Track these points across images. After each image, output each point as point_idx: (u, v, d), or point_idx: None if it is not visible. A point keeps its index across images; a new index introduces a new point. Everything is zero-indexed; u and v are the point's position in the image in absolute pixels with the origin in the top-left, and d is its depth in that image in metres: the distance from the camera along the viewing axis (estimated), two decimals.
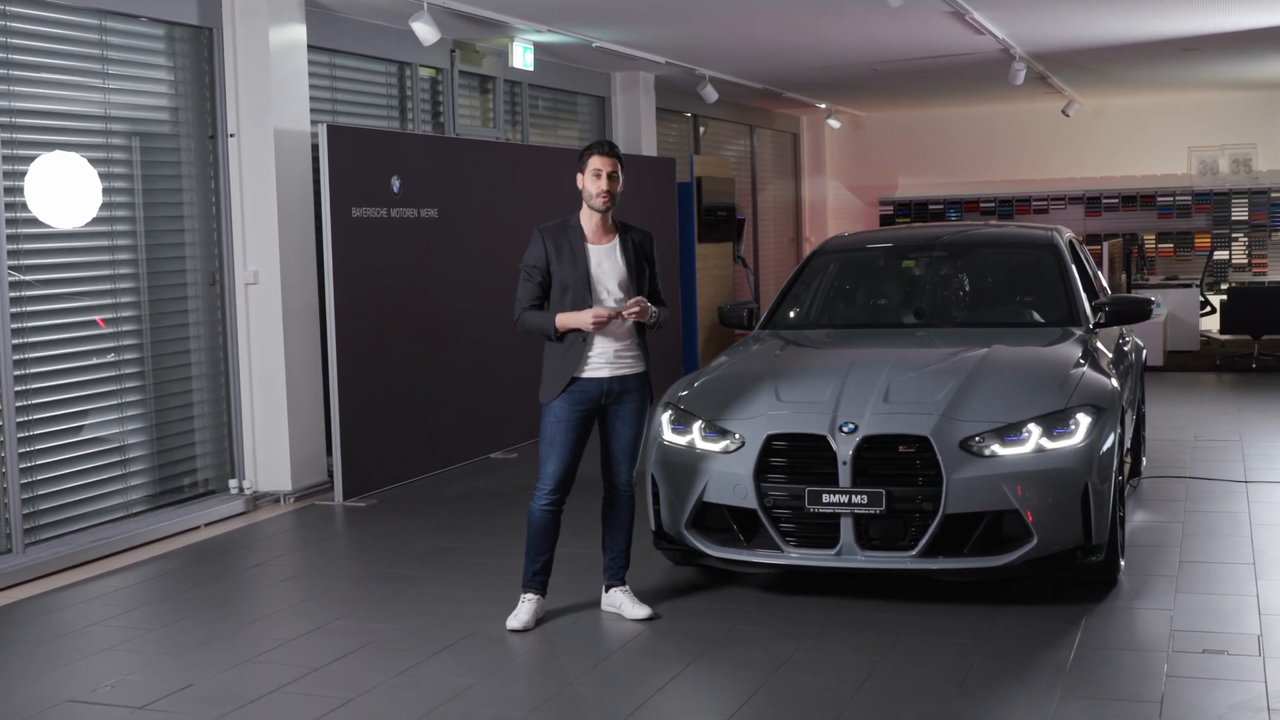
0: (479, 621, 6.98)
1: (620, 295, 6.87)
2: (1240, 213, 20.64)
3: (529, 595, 6.96)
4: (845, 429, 6.90)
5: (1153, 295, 17.41)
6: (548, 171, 12.83)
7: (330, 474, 10.18)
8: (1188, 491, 9.60)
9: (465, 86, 13.22)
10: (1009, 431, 6.87)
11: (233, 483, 9.97)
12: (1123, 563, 7.48)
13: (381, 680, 6.16)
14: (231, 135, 9.92)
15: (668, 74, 15.85)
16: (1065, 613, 6.84)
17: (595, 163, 6.93)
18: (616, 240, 6.99)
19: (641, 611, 6.97)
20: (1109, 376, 7.59)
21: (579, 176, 6.97)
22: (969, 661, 6.22)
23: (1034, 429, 6.88)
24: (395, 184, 10.48)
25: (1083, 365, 7.49)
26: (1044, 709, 5.59)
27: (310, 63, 10.50)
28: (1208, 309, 18.10)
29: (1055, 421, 6.92)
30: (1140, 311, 8.55)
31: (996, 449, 6.83)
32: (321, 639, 6.81)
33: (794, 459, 6.99)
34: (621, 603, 7.05)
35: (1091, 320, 8.39)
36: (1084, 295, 8.59)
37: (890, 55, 15.15)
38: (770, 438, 7.03)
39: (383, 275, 10.38)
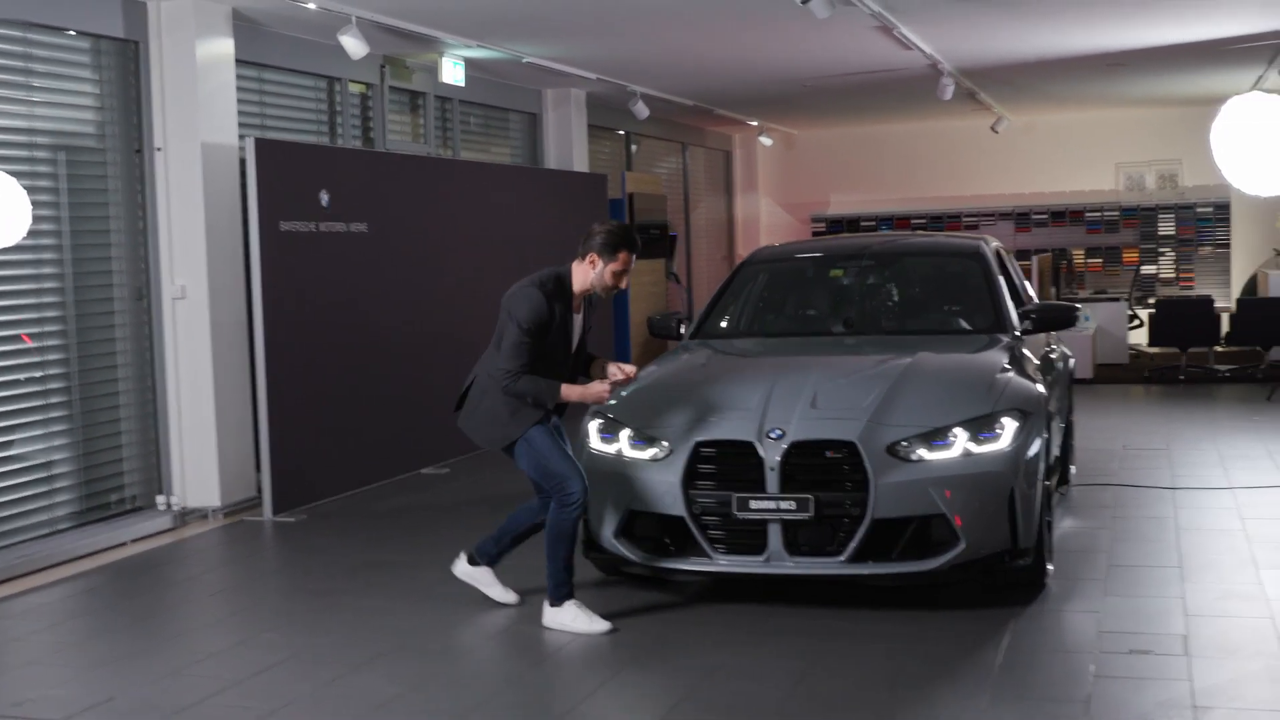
0: (407, 634, 6.93)
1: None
2: (1167, 228, 20.85)
3: (576, 600, 6.92)
4: (773, 435, 6.91)
5: (1082, 310, 17.52)
6: (478, 186, 12.81)
7: (259, 489, 10.09)
8: (1116, 498, 9.67)
9: (396, 102, 13.18)
10: (935, 436, 6.89)
11: (160, 499, 9.86)
12: (1050, 567, 7.52)
13: (306, 692, 6.10)
14: (158, 149, 9.84)
15: (599, 91, 15.85)
16: (994, 616, 6.87)
17: (626, 261, 6.94)
18: (584, 306, 7.11)
19: (510, 597, 7.32)
20: (1035, 382, 7.63)
21: (594, 256, 6.91)
22: (899, 665, 6.23)
23: (960, 433, 6.91)
24: (324, 198, 10.42)
25: (1009, 371, 7.53)
26: (973, 710, 5.61)
27: (239, 77, 10.43)
28: (1136, 323, 18.26)
29: (981, 426, 6.95)
30: (1066, 318, 8.61)
31: (923, 453, 6.85)
32: (247, 652, 6.74)
33: (722, 466, 6.99)
34: (490, 583, 7.34)
35: (1018, 327, 8.43)
36: (1010, 303, 8.64)
37: (820, 71, 15.20)
38: (698, 445, 7.02)
39: (312, 289, 10.31)
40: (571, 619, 6.83)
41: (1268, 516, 8.97)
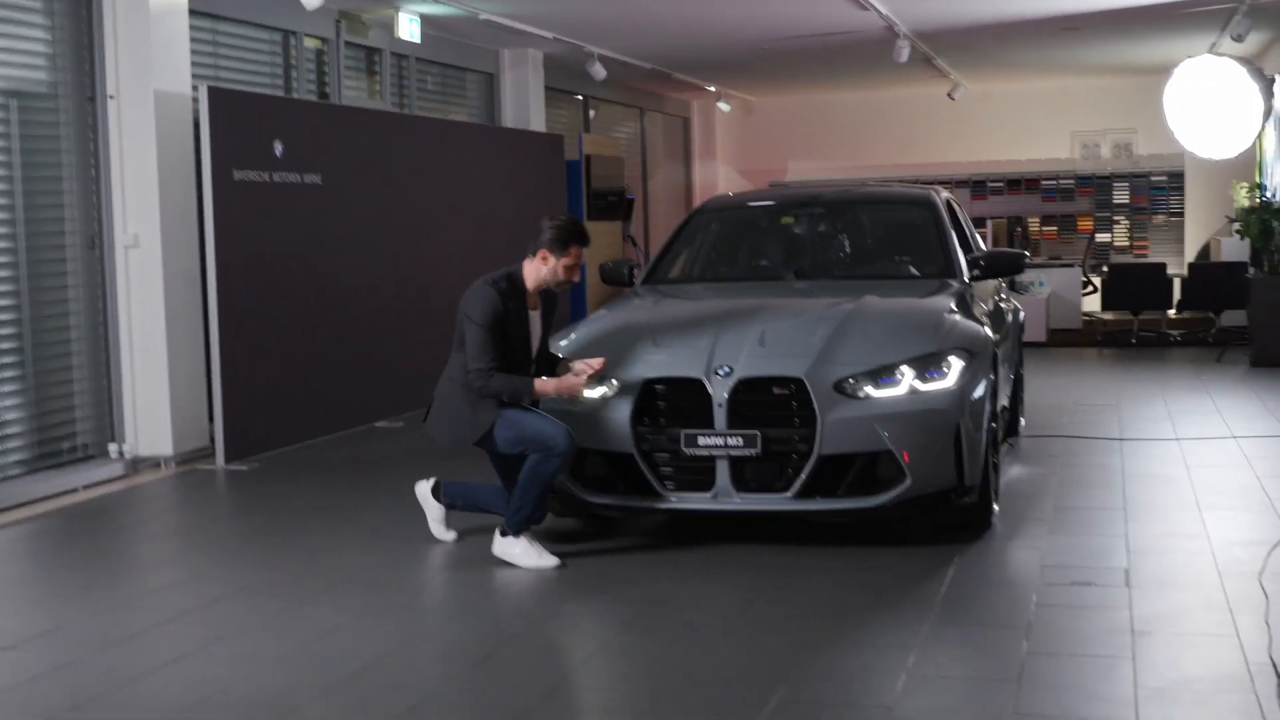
0: (357, 569, 6.95)
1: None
2: (1122, 196, 20.97)
3: (530, 535, 6.95)
4: (721, 372, 6.95)
5: (1037, 275, 17.66)
6: (434, 143, 12.79)
7: (212, 439, 10.07)
8: (1064, 448, 9.77)
9: (351, 58, 13.14)
10: (882, 373, 6.95)
11: (112, 447, 9.84)
12: (996, 508, 7.60)
13: (255, 621, 6.12)
14: (111, 97, 9.80)
15: (556, 52, 15.84)
16: (939, 552, 6.94)
17: (577, 255, 7.03)
18: (540, 303, 7.18)
19: (448, 536, 7.42)
20: (983, 325, 7.70)
21: (545, 252, 6.98)
22: (843, 595, 6.31)
23: (907, 371, 6.97)
24: (278, 148, 10.40)
25: (956, 313, 7.59)
26: (915, 635, 5.67)
27: (192, 28, 10.37)
28: (1089, 289, 18.38)
29: (928, 364, 7.01)
30: (1014, 264, 8.68)
31: (870, 391, 6.90)
32: (197, 586, 6.76)
33: (671, 403, 7.04)
34: (437, 519, 7.45)
35: (967, 273, 8.49)
36: (960, 250, 8.70)
37: (777, 33, 15.23)
38: (647, 382, 7.06)
39: (265, 239, 10.29)
40: (521, 552, 6.87)
41: (1213, 464, 9.08)
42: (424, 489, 7.46)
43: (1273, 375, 13.15)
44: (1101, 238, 20.90)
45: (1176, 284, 17.07)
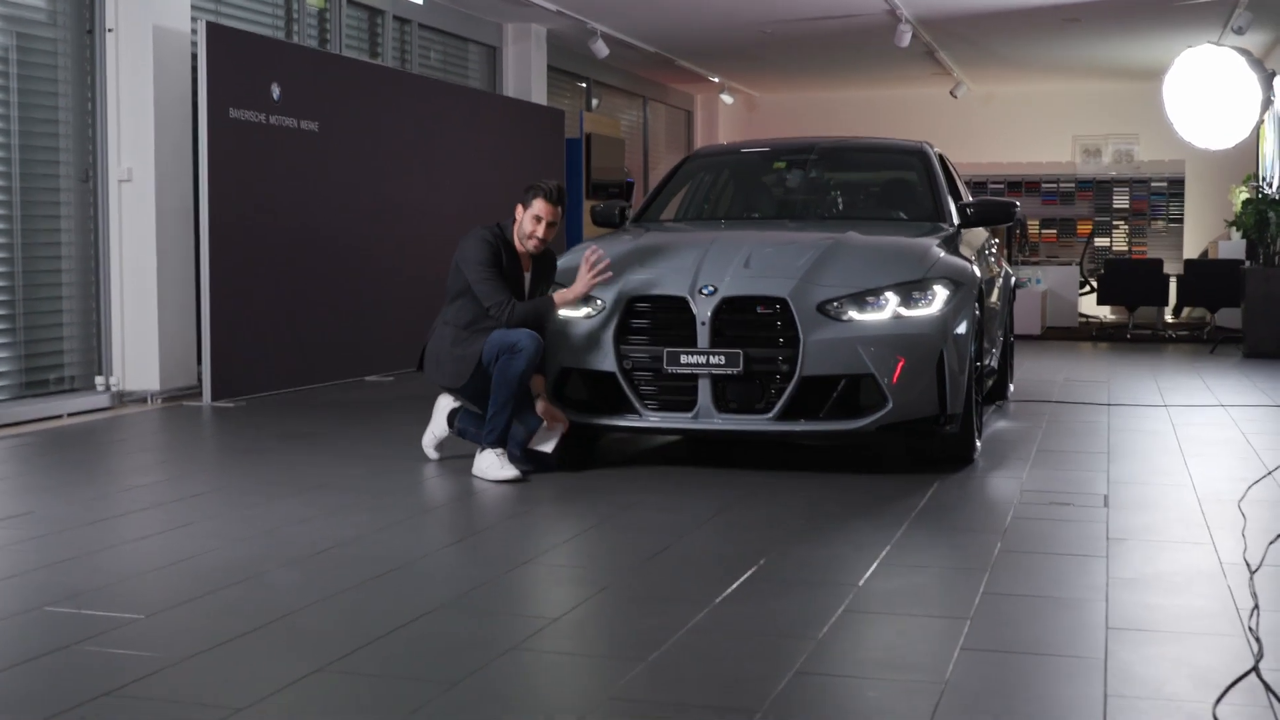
0: (332, 478, 6.93)
1: None
2: (1122, 201, 20.98)
3: (501, 450, 6.90)
4: (705, 291, 6.93)
5: (1034, 271, 17.67)
6: (434, 103, 12.79)
7: (199, 379, 10.05)
8: (1052, 409, 9.74)
9: (354, 19, 13.14)
10: (867, 297, 6.93)
11: (99, 380, 9.82)
12: (979, 444, 7.58)
13: (227, 511, 6.11)
14: (109, 30, 9.80)
15: (559, 28, 15.85)
16: (919, 478, 6.91)
17: (542, 209, 7.13)
18: (532, 266, 7.29)
19: (433, 455, 7.41)
20: (970, 263, 7.68)
21: (519, 205, 7.15)
22: (819, 505, 6.30)
23: (891, 296, 6.94)
24: (275, 91, 10.40)
25: (942, 249, 7.56)
26: (889, 535, 5.63)
27: None
28: (1086, 289, 18.37)
29: (913, 290, 6.99)
30: (1004, 213, 8.65)
31: (854, 314, 6.88)
32: (172, 485, 6.75)
33: (654, 321, 7.02)
34: (439, 431, 7.39)
35: (956, 219, 8.47)
36: (949, 198, 8.68)
37: (779, 14, 15.24)
38: (631, 300, 7.05)
39: (259, 181, 10.27)
40: (488, 465, 6.85)
41: (1199, 424, 9.06)
42: (445, 404, 7.39)
43: (1266, 365, 13.12)
44: (1100, 242, 20.90)
45: (1173, 283, 17.04)
